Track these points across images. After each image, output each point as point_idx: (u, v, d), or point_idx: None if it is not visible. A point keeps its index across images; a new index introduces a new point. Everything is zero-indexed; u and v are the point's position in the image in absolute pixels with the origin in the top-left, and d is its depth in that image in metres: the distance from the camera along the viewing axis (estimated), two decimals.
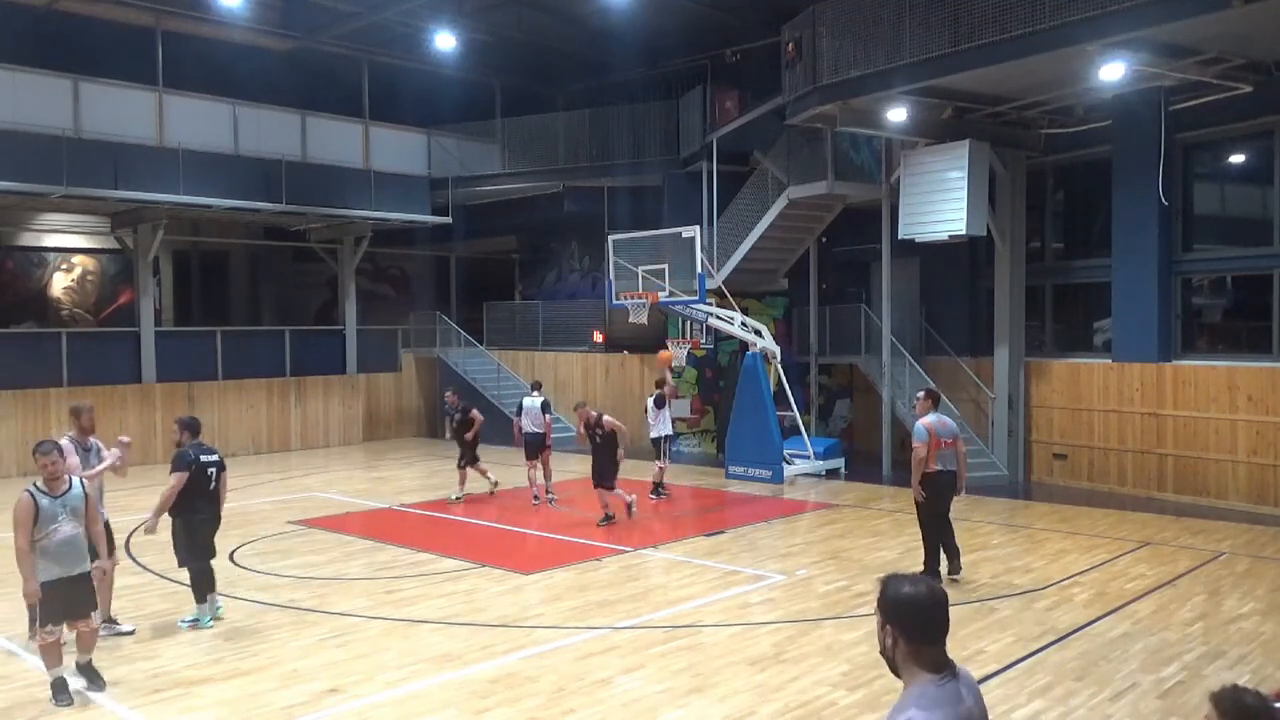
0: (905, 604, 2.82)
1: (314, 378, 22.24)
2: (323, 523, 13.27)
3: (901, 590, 2.85)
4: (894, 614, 2.83)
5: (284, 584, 10.03)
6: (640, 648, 7.88)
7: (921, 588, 2.84)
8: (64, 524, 6.73)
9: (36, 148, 17.00)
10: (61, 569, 6.69)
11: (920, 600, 2.82)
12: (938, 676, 2.80)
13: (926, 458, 9.61)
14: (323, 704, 6.77)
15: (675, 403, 20.03)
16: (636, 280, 17.21)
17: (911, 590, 2.84)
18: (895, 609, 2.83)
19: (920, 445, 9.65)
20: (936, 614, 2.82)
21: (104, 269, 22.71)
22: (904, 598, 2.83)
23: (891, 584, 2.89)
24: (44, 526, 6.64)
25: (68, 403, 18.42)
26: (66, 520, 6.74)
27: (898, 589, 2.86)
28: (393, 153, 22.37)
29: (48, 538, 6.65)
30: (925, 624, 2.81)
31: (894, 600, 2.84)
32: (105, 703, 6.85)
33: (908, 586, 2.85)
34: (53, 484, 6.81)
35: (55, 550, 6.67)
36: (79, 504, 6.87)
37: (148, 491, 16.14)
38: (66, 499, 6.81)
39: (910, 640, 2.81)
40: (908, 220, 15.64)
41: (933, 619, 2.82)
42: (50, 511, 6.69)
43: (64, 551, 6.71)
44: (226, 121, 19.82)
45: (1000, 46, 12.42)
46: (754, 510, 14.21)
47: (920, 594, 2.83)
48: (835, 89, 14.48)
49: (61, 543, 6.70)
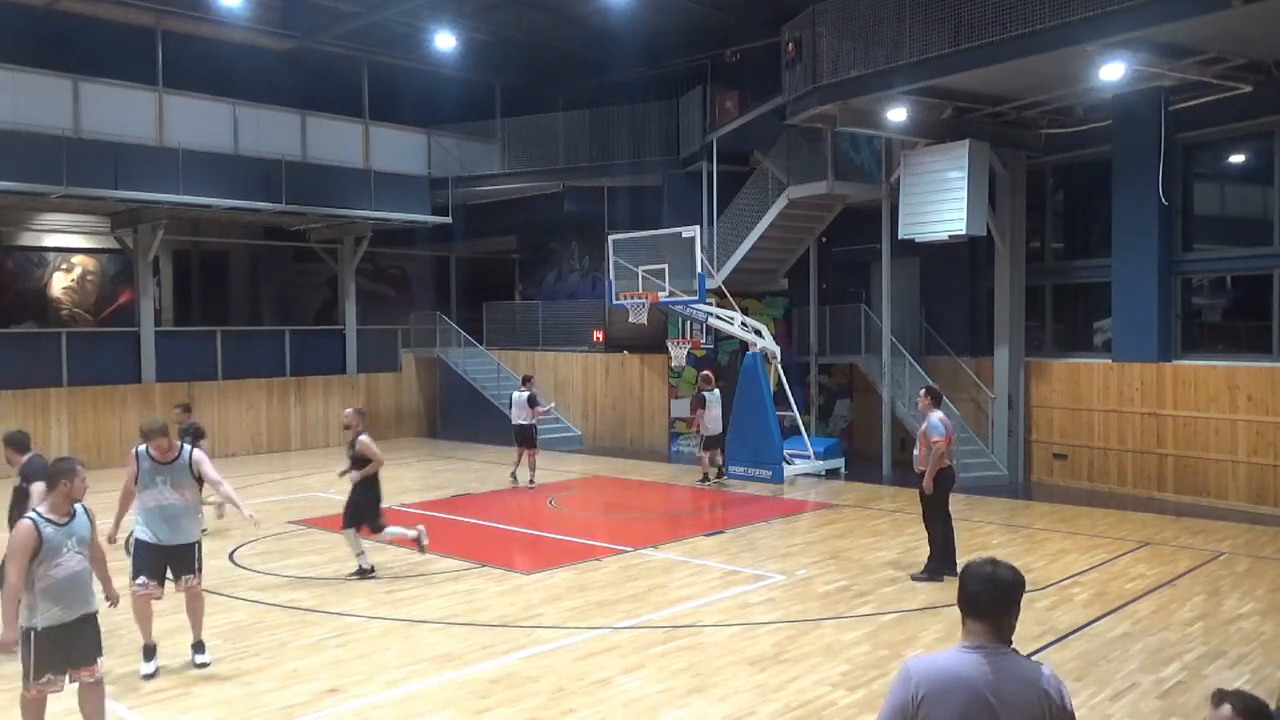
0: (966, 575, 3.09)
1: (314, 378, 22.24)
2: (323, 523, 13.27)
3: (970, 565, 3.11)
4: (959, 585, 3.10)
5: (284, 584, 10.03)
6: (640, 648, 7.88)
7: (987, 566, 3.08)
8: (69, 557, 5.68)
9: (36, 148, 16.99)
10: (63, 610, 5.64)
11: (979, 574, 3.06)
12: (965, 645, 3.01)
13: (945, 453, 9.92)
14: (323, 704, 6.77)
15: (675, 402, 20.09)
16: (636, 280, 17.21)
17: (977, 567, 3.08)
18: (960, 580, 3.10)
19: (941, 440, 9.85)
20: (985, 589, 3.03)
21: (104, 269, 22.71)
22: (969, 570, 3.09)
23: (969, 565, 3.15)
24: (47, 561, 5.58)
25: (68, 403, 18.63)
26: (72, 553, 5.71)
27: (970, 565, 3.13)
28: (393, 153, 22.36)
29: (50, 575, 5.59)
30: (971, 595, 3.04)
31: (962, 572, 3.11)
32: (105, 702, 6.83)
33: (975, 566, 3.11)
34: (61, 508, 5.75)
35: (58, 589, 5.62)
36: (85, 533, 5.86)
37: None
38: (72, 527, 5.76)
39: (961, 609, 3.06)
40: (908, 220, 15.64)
41: (980, 592, 3.03)
42: (55, 543, 5.62)
43: (68, 590, 5.66)
44: (226, 121, 19.81)
45: (1000, 46, 12.43)
46: (754, 510, 14.21)
47: (983, 570, 3.07)
48: (835, 89, 14.48)
49: (66, 580, 5.65)
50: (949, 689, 2.93)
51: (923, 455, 10.01)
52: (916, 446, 10.24)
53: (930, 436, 9.91)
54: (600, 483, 17.12)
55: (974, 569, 3.08)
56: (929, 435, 9.94)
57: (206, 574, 10.36)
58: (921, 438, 10.07)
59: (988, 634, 3.00)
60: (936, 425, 9.92)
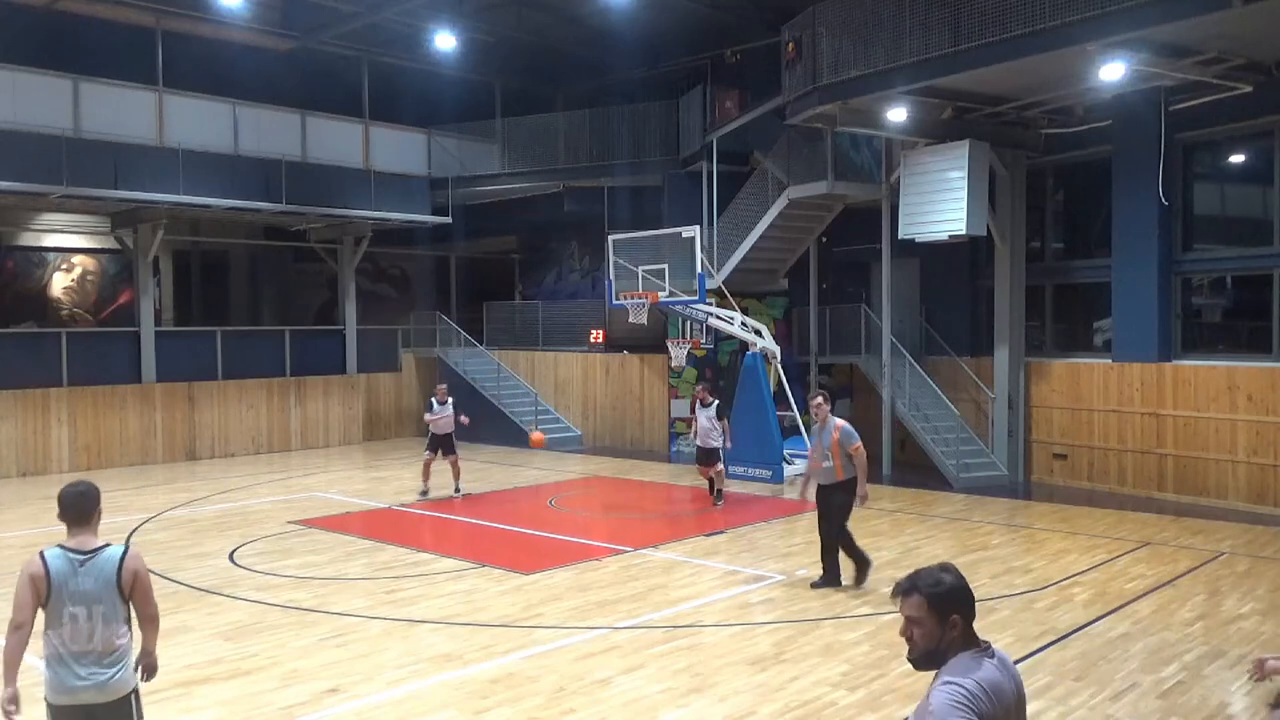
0: (963, 590, 2.98)
1: (314, 378, 22.23)
2: (323, 523, 13.26)
3: (947, 580, 2.99)
4: (960, 601, 2.96)
5: (284, 584, 10.02)
6: (640, 648, 7.88)
7: (954, 571, 3.02)
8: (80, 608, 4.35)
9: (36, 148, 16.99)
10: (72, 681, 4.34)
11: (964, 580, 3.00)
12: (979, 649, 2.96)
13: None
14: (323, 704, 6.77)
15: (675, 402, 20.09)
16: (636, 280, 17.21)
17: (952, 576, 3.00)
18: (959, 597, 2.97)
19: (861, 445, 9.52)
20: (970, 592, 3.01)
21: (104, 269, 22.71)
22: (959, 585, 2.99)
23: (930, 579, 3.00)
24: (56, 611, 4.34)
25: (68, 403, 18.63)
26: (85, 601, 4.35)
27: (942, 580, 2.99)
28: (393, 153, 22.35)
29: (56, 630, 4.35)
30: (973, 601, 3.00)
31: (951, 589, 2.97)
32: None
33: (946, 575, 3.00)
34: None
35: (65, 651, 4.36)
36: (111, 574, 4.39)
37: (148, 493, 16.17)
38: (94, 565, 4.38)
39: (968, 621, 2.97)
40: (908, 220, 15.65)
41: (972, 595, 3.00)
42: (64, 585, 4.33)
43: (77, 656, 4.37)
44: (226, 121, 19.80)
45: (1000, 46, 12.43)
46: (754, 510, 14.21)
47: (959, 576, 3.01)
48: (835, 89, 14.49)
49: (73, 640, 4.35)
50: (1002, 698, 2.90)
51: (839, 465, 9.46)
52: (825, 456, 9.54)
53: (849, 443, 9.43)
54: (600, 483, 17.12)
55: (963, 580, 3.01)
56: (845, 442, 9.44)
57: (208, 573, 10.42)
58: (835, 447, 9.45)
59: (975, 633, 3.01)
60: (852, 430, 9.54)
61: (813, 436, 9.86)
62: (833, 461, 9.50)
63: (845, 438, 9.47)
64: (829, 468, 9.56)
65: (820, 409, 9.77)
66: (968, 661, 2.90)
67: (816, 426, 9.78)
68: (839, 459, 9.47)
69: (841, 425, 9.55)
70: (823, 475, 9.67)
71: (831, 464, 9.52)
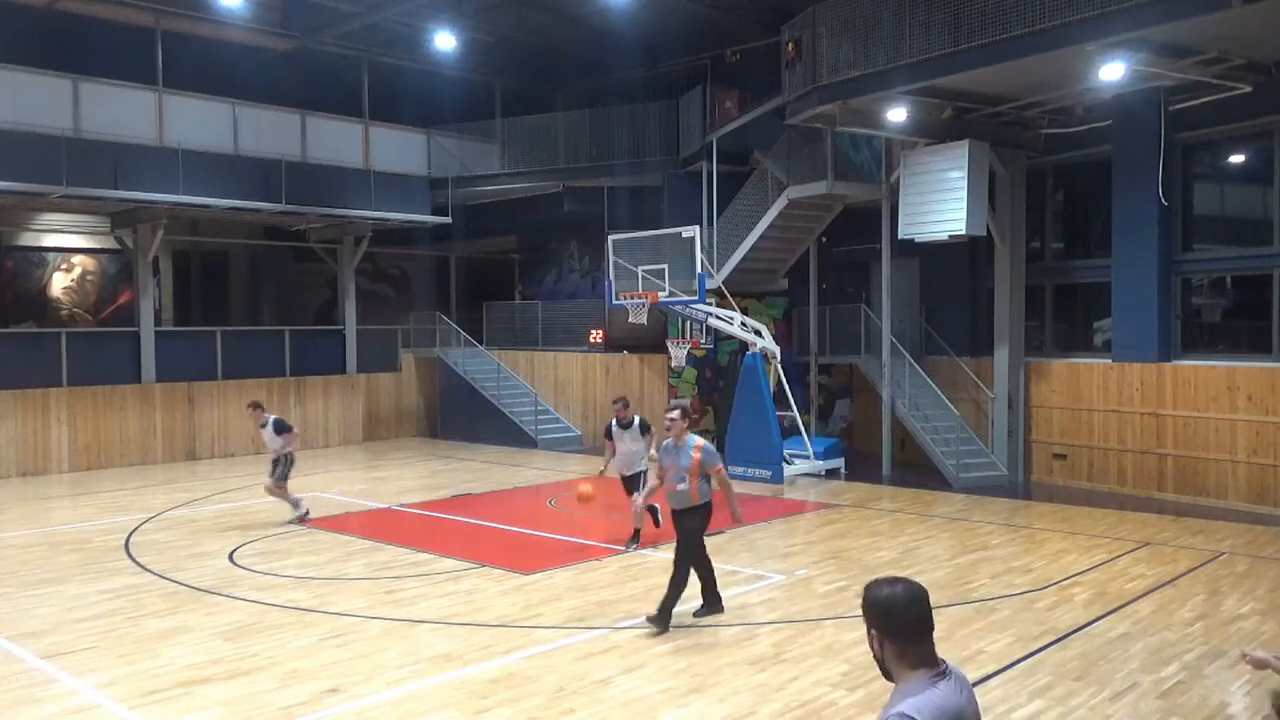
0: (885, 606, 2.83)
1: (314, 378, 22.23)
2: (322, 523, 13.26)
3: (880, 593, 2.85)
4: (876, 617, 2.84)
5: (284, 584, 10.02)
6: (640, 648, 7.88)
7: (899, 588, 2.85)
8: None
9: (36, 148, 16.98)
10: None
11: (898, 600, 2.82)
12: (928, 673, 2.81)
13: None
14: (323, 704, 6.77)
15: (673, 402, 20.06)
16: (636, 280, 17.21)
17: (889, 592, 2.84)
18: (876, 612, 2.84)
19: (722, 465, 8.71)
20: (914, 612, 2.82)
21: (104, 269, 22.71)
22: (883, 600, 2.84)
23: (871, 588, 2.89)
24: None
25: (67, 403, 18.63)
26: None
27: (876, 592, 2.87)
28: (392, 153, 22.34)
29: None
30: (906, 623, 2.82)
31: (874, 603, 2.85)
32: (105, 702, 6.85)
33: (885, 589, 2.86)
34: None
35: None
36: None
37: (148, 493, 16.16)
38: None
39: (895, 641, 2.82)
40: (907, 220, 15.65)
41: (912, 617, 2.82)
42: None
43: None
44: (226, 121, 19.79)
45: (1000, 46, 12.43)
46: (753, 510, 14.11)
47: (898, 594, 2.83)
48: (835, 89, 14.49)
49: None
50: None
51: (695, 488, 8.50)
52: (681, 478, 8.53)
53: (711, 464, 8.55)
54: (599, 483, 17.07)
55: (895, 597, 2.83)
56: (708, 463, 8.53)
57: (208, 573, 10.42)
58: (695, 468, 8.47)
59: (932, 654, 2.84)
60: (714, 450, 8.68)
61: (663, 455, 8.76)
62: (689, 484, 8.50)
63: (708, 458, 8.55)
64: (684, 490, 8.52)
65: (676, 424, 8.75)
66: (916, 685, 2.78)
67: (669, 443, 8.73)
68: (696, 481, 8.51)
69: (702, 444, 8.63)
70: (676, 499, 8.61)
71: (687, 486, 8.51)
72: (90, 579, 10.36)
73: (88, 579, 10.37)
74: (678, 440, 8.70)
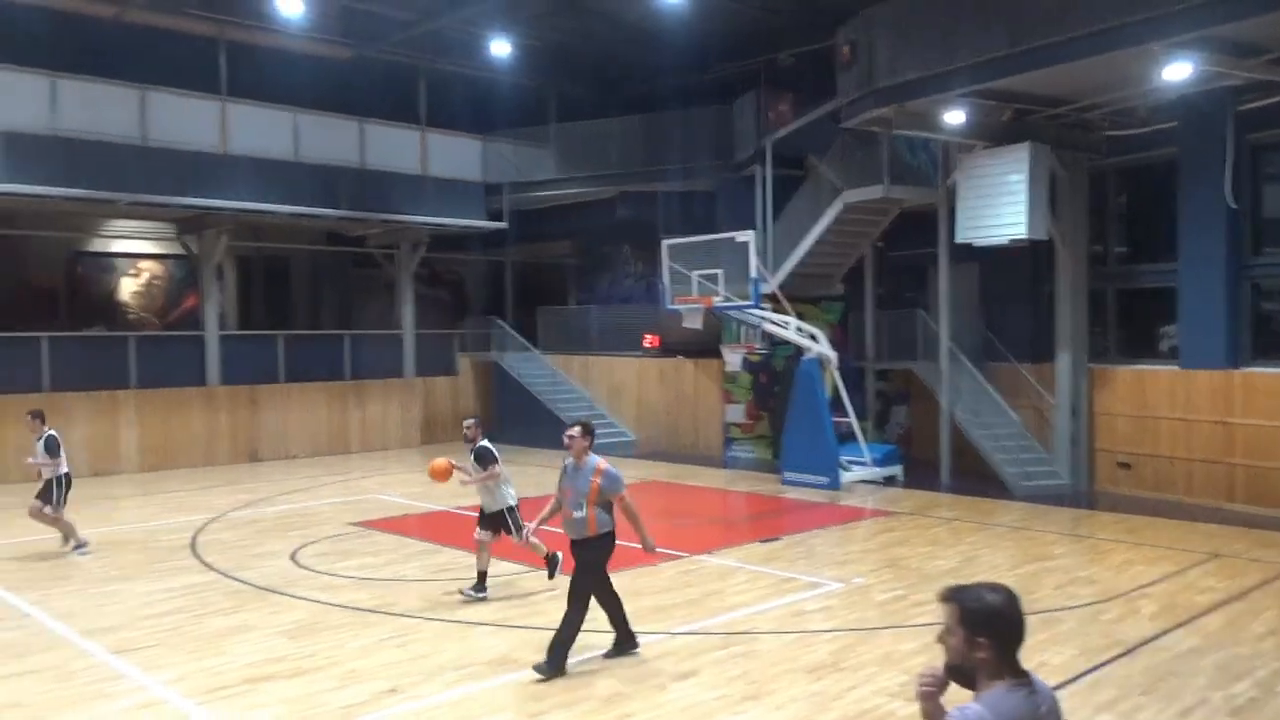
0: (992, 609, 2.86)
1: (373, 381, 22.55)
2: (381, 524, 13.44)
3: (988, 598, 2.88)
4: (987, 623, 2.86)
5: (344, 584, 10.17)
6: (695, 653, 7.86)
7: (1004, 594, 2.90)
8: None
9: (105, 156, 17.50)
10: None
11: (1009, 606, 2.88)
12: (1013, 681, 2.84)
13: None
14: (382, 704, 6.85)
15: (730, 407, 19.98)
16: (691, 285, 17.18)
17: (998, 597, 2.88)
18: (989, 617, 2.86)
19: (626, 493, 7.66)
20: (1017, 617, 2.88)
21: (170, 274, 23.23)
22: (995, 605, 2.87)
23: (972, 594, 2.91)
24: None
25: (135, 405, 19.11)
26: None
27: (983, 597, 2.89)
28: (449, 159, 22.59)
29: None
30: (1016, 629, 2.87)
31: (987, 609, 2.87)
32: (173, 698, 7.01)
33: (990, 594, 2.89)
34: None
35: None
36: None
37: (212, 493, 16.49)
38: None
39: (1002, 647, 2.85)
40: (966, 224, 15.41)
41: (1020, 624, 2.88)
42: None
43: None
44: (287, 129, 20.19)
45: (1061, 47, 12.18)
46: (810, 517, 14.11)
47: (1006, 600, 2.88)
48: (891, 92, 14.33)
49: None
50: None
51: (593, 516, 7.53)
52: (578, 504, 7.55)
53: (613, 490, 7.57)
54: (654, 487, 17.11)
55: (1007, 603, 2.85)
56: (609, 490, 7.54)
57: (271, 573, 10.60)
58: (593, 493, 7.51)
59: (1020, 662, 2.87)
60: (618, 475, 7.68)
61: (562, 477, 7.76)
62: (585, 511, 7.52)
63: (608, 484, 7.55)
64: (580, 519, 7.54)
65: (575, 442, 7.69)
66: (1001, 694, 2.80)
67: (570, 464, 7.73)
68: (594, 509, 7.52)
69: (604, 469, 7.61)
70: (573, 527, 7.61)
71: (584, 514, 7.52)
72: (157, 577, 10.62)
73: (155, 577, 10.62)
74: (578, 461, 7.66)
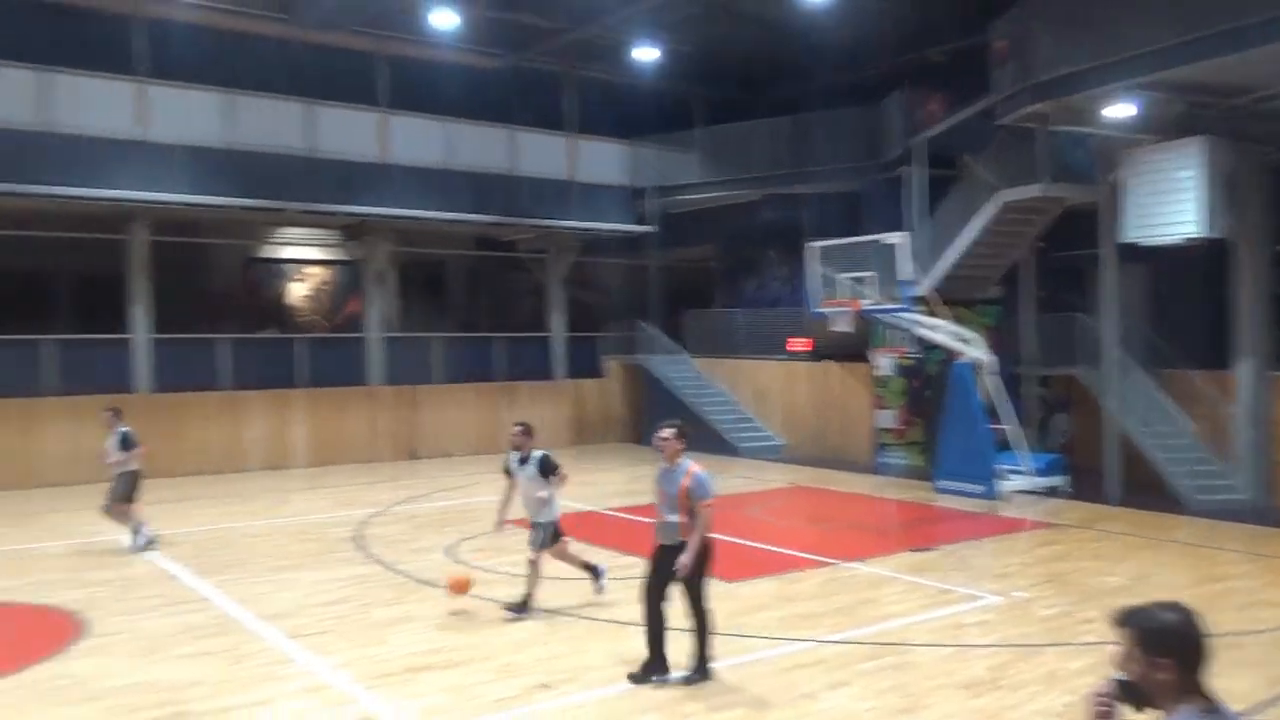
0: (1177, 631, 2.75)
1: (525, 383, 23.11)
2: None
3: (1166, 618, 2.77)
4: (1168, 644, 2.74)
5: (500, 580, 10.42)
6: (847, 663, 7.72)
7: (1183, 612, 2.78)
8: None
9: (275, 168, 18.64)
10: None
11: (1189, 624, 2.76)
12: (1202, 705, 2.72)
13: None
14: (533, 699, 7.00)
15: (881, 413, 19.54)
16: (837, 288, 16.89)
17: (1176, 616, 2.77)
18: (1169, 638, 2.75)
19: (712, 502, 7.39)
20: (1203, 637, 2.76)
21: (336, 278, 24.39)
22: (1174, 625, 2.76)
23: (1148, 614, 2.79)
24: None
25: (305, 403, 20.17)
26: None
27: (1160, 617, 2.77)
28: (596, 164, 22.97)
29: None
30: (1198, 649, 2.75)
31: (1166, 629, 2.76)
32: (340, 683, 7.35)
33: (1168, 613, 2.78)
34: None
35: None
36: None
37: (375, 488, 17.22)
38: None
39: (1187, 669, 2.73)
40: (1134, 223, 14.59)
41: (1203, 643, 2.75)
42: None
43: None
44: (440, 138, 20.95)
45: (1235, 35, 11.40)
46: (965, 527, 13.65)
47: (1186, 618, 2.77)
48: (1049, 86, 13.71)
49: None
50: None
51: (684, 520, 7.30)
52: (671, 508, 7.36)
53: (700, 496, 7.30)
54: (802, 492, 16.92)
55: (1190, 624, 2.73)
56: (696, 494, 7.27)
57: (429, 566, 10.99)
58: (683, 497, 7.28)
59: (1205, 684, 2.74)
60: (706, 479, 7.38)
61: (659, 481, 7.59)
62: (678, 516, 7.31)
63: (697, 488, 7.30)
64: (671, 523, 7.35)
65: (668, 445, 7.52)
66: (1186, 715, 2.68)
67: (664, 466, 7.59)
68: (685, 513, 7.29)
69: (694, 472, 7.37)
70: (665, 532, 7.42)
71: (676, 519, 7.32)
72: (325, 567, 11.17)
73: (322, 567, 11.18)
74: (670, 464, 7.53)
